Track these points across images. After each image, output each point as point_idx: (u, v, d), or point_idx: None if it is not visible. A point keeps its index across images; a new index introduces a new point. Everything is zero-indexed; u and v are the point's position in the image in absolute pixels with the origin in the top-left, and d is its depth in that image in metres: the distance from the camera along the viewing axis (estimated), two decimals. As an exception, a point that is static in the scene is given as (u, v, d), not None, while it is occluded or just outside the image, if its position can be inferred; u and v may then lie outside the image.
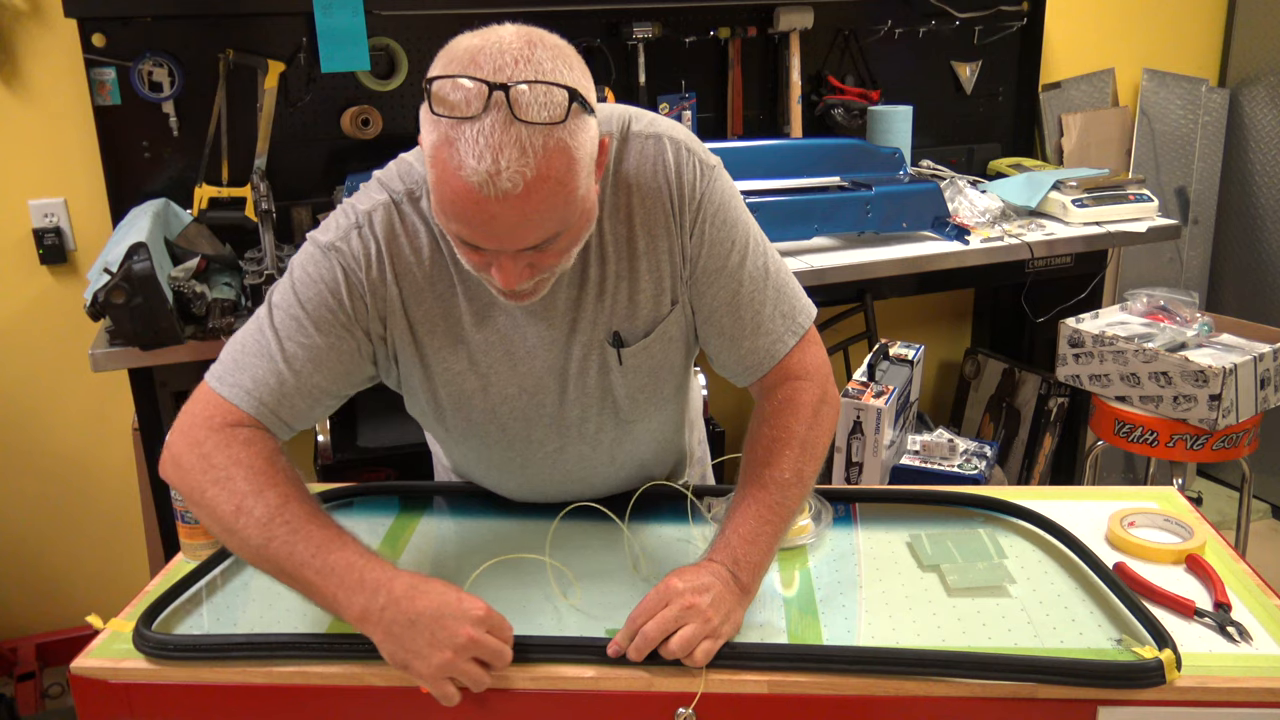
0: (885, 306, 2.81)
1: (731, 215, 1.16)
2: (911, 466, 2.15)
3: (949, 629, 1.09)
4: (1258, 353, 2.25)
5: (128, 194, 2.35)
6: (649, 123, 1.15)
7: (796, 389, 1.19)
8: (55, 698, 2.49)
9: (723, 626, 1.03)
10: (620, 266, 1.14)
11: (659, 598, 1.03)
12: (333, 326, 1.11)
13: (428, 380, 1.19)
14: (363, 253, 1.11)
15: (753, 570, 1.08)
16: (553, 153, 0.92)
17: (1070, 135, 3.19)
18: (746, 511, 1.11)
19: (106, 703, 1.05)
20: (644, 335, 1.17)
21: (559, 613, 1.13)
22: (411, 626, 0.98)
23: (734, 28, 2.74)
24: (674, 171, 1.12)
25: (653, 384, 1.22)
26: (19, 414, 2.46)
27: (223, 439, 1.07)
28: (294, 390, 1.11)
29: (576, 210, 0.98)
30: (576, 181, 0.95)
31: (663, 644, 1.01)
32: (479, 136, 0.90)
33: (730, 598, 1.05)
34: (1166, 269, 3.37)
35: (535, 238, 0.97)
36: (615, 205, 1.12)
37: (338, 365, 1.12)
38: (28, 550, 2.55)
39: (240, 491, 1.04)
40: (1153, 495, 1.38)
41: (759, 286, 1.17)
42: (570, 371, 1.18)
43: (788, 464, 1.14)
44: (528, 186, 0.91)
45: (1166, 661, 0.98)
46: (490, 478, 1.35)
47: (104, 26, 2.24)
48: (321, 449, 2.21)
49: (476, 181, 0.90)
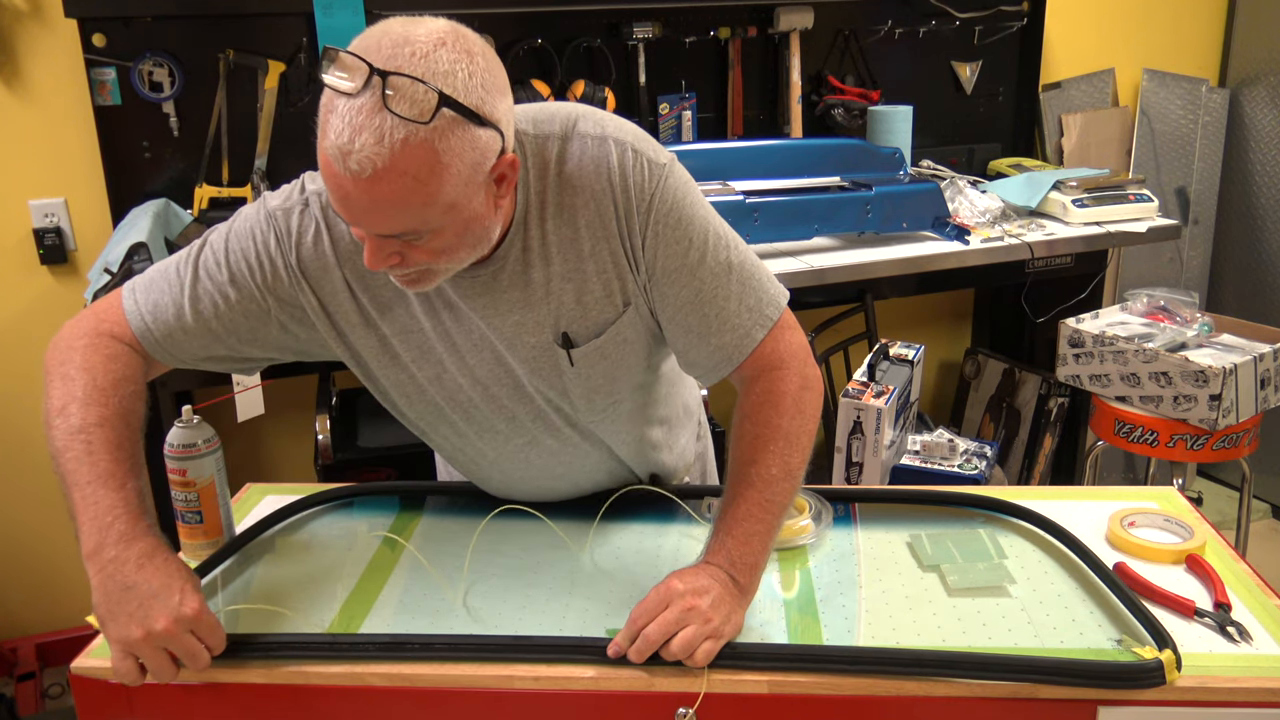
0: (885, 306, 2.82)
1: (687, 213, 1.14)
2: (911, 466, 2.15)
3: (949, 629, 1.09)
4: (1258, 353, 2.25)
5: (128, 194, 2.35)
6: (596, 123, 1.13)
7: (774, 379, 1.17)
8: (55, 698, 2.49)
9: (724, 627, 1.03)
10: (566, 268, 1.14)
11: (659, 599, 1.03)
12: (247, 283, 1.15)
13: (380, 362, 1.20)
14: (298, 229, 1.14)
15: (749, 570, 1.08)
16: (412, 149, 0.93)
17: (1070, 135, 3.19)
18: (738, 511, 1.11)
19: (106, 703, 1.05)
20: (595, 336, 1.17)
21: (559, 613, 1.13)
22: (125, 591, 0.98)
23: (734, 28, 2.74)
24: (619, 175, 1.11)
25: (609, 385, 1.21)
26: (19, 414, 2.47)
27: (94, 343, 1.14)
28: (188, 327, 1.15)
29: (442, 214, 0.98)
30: (440, 186, 0.96)
31: (664, 646, 1.01)
32: (347, 113, 0.93)
33: (730, 599, 1.05)
34: (1166, 269, 3.37)
35: (387, 227, 0.98)
36: (559, 206, 1.12)
37: (240, 321, 1.16)
38: (28, 550, 2.55)
39: (72, 395, 1.08)
40: (1153, 495, 1.38)
41: (722, 282, 1.16)
42: (520, 370, 1.19)
43: (774, 459, 1.13)
44: (376, 174, 0.93)
45: (1166, 662, 0.98)
46: (472, 471, 1.35)
47: (104, 26, 2.24)
48: (321, 449, 2.21)
49: (331, 155, 0.94)
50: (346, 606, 1.15)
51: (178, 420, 1.23)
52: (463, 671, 1.03)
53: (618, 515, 1.32)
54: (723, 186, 2.41)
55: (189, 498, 1.23)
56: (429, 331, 1.17)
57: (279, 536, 1.32)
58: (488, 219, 1.04)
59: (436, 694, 1.03)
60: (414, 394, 1.22)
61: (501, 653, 1.05)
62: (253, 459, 2.67)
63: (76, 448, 1.05)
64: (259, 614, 1.15)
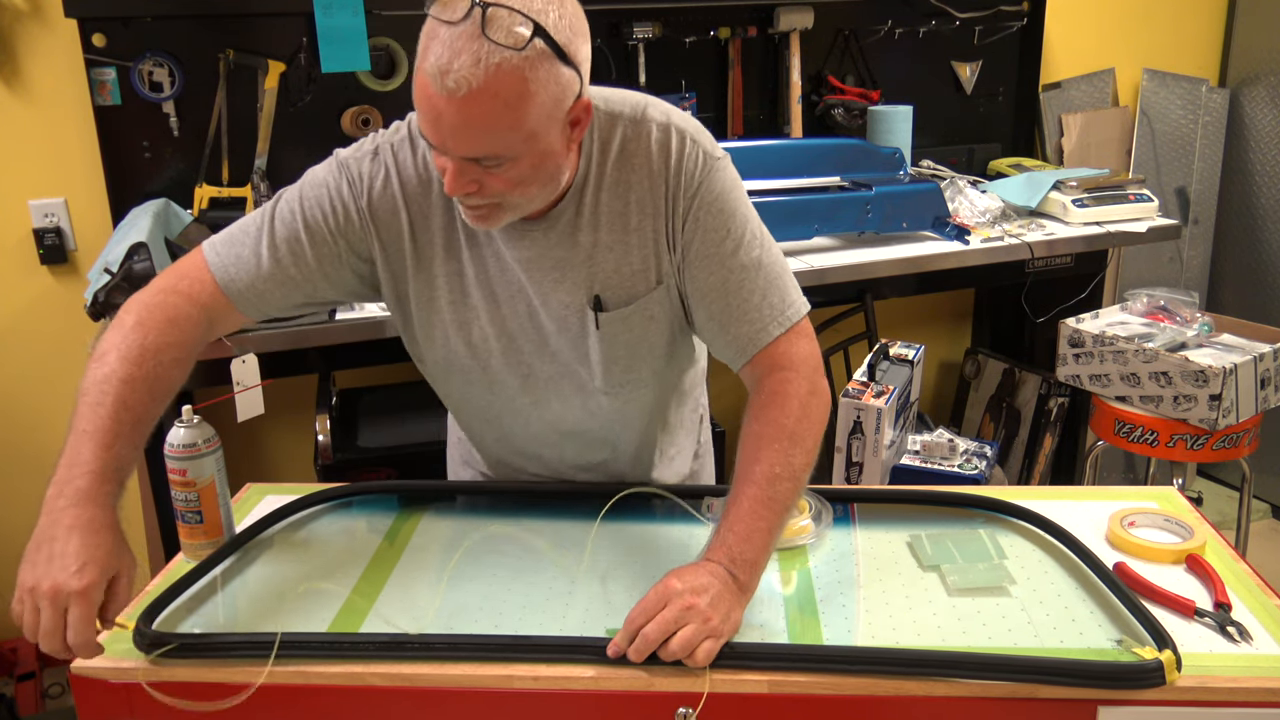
0: (885, 306, 2.82)
1: (730, 205, 1.22)
2: (911, 466, 2.15)
3: (949, 629, 1.09)
4: (1258, 353, 2.25)
5: (128, 194, 2.35)
6: (663, 112, 1.23)
7: (783, 380, 1.21)
8: (55, 698, 2.49)
9: (723, 626, 1.03)
10: (612, 237, 1.22)
11: (658, 598, 1.03)
12: (321, 229, 1.22)
13: (420, 302, 1.27)
14: (369, 175, 1.22)
15: (750, 568, 1.08)
16: (505, 74, 1.00)
17: (1070, 135, 3.19)
18: (740, 509, 1.12)
19: (106, 703, 1.05)
20: (624, 305, 1.24)
21: (559, 613, 1.13)
22: (47, 542, 1.02)
23: (734, 28, 2.74)
24: (675, 159, 1.20)
25: (629, 358, 1.27)
26: (19, 414, 2.47)
27: (163, 301, 1.18)
28: (269, 275, 1.22)
29: (523, 141, 1.05)
30: (526, 112, 1.03)
31: (663, 645, 1.01)
32: (449, 39, 1.00)
33: (729, 596, 1.05)
34: (1166, 269, 3.37)
35: (475, 149, 1.05)
36: (616, 180, 1.20)
37: (316, 266, 1.23)
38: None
39: (116, 345, 1.13)
40: (1153, 495, 1.38)
41: (749, 275, 1.22)
42: (549, 327, 1.25)
43: (777, 458, 1.14)
44: (471, 93, 1.00)
45: (1166, 662, 0.98)
46: (473, 425, 1.41)
47: (104, 26, 2.24)
48: (321, 449, 2.21)
49: (430, 74, 1.01)
50: (346, 606, 1.15)
51: (178, 420, 1.23)
52: (463, 671, 1.03)
53: (618, 515, 1.32)
54: (723, 186, 2.41)
55: (189, 498, 1.23)
56: (472, 278, 1.25)
57: (279, 536, 1.32)
58: (561, 158, 1.12)
59: (436, 694, 1.03)
60: (442, 339, 1.28)
61: (501, 653, 1.05)
62: (253, 459, 2.67)
63: (92, 394, 1.09)
64: (259, 614, 1.15)
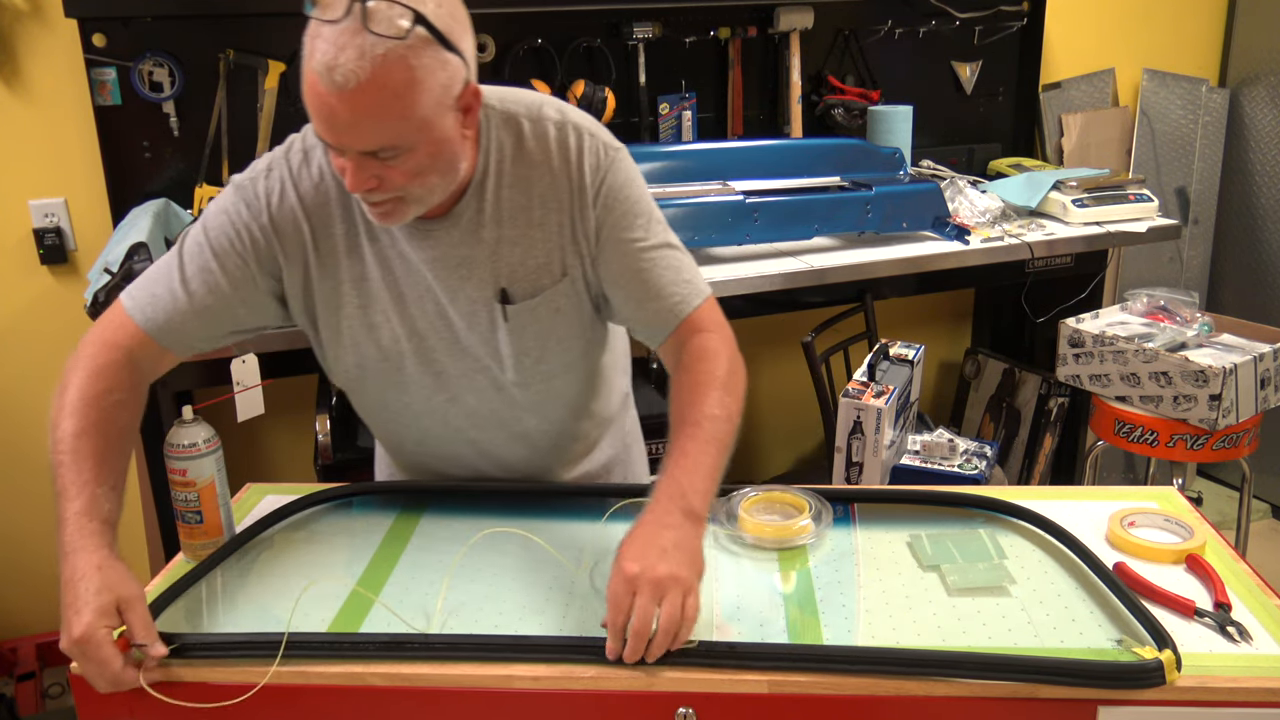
0: (885, 306, 2.82)
1: (634, 194, 1.27)
2: (911, 466, 2.15)
3: (949, 629, 1.09)
4: (1258, 353, 2.25)
5: (128, 194, 2.35)
6: (559, 110, 1.27)
7: (708, 339, 1.25)
8: (55, 698, 2.49)
9: (693, 574, 1.04)
10: (515, 232, 1.25)
11: (626, 589, 1.02)
12: (229, 255, 1.23)
13: (327, 309, 1.28)
14: (265, 192, 1.24)
15: (701, 495, 1.10)
16: (390, 63, 1.03)
17: (1070, 135, 3.19)
18: (684, 447, 1.15)
19: (106, 703, 1.05)
20: (530, 297, 1.26)
21: (559, 613, 1.13)
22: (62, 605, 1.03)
23: (734, 28, 2.74)
24: (575, 154, 1.24)
25: (538, 350, 1.29)
26: (19, 414, 2.47)
27: (92, 355, 1.21)
28: (185, 309, 1.23)
29: (417, 130, 1.08)
30: (416, 100, 1.06)
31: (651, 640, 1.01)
32: (332, 36, 1.03)
33: (688, 532, 1.06)
34: (1166, 269, 3.37)
35: (370, 141, 1.07)
36: (517, 176, 1.24)
37: (231, 293, 1.24)
38: (28, 550, 2.55)
39: (62, 408, 1.16)
40: (1153, 495, 1.38)
41: (662, 256, 1.27)
42: (458, 324, 1.28)
43: (713, 402, 1.18)
44: (359, 86, 1.03)
45: (1166, 662, 0.98)
46: (392, 431, 1.42)
47: (104, 26, 2.24)
48: (321, 449, 2.21)
49: (318, 71, 1.04)
50: (346, 606, 1.15)
51: (178, 420, 1.23)
52: (463, 671, 1.03)
53: (618, 515, 1.32)
54: (723, 186, 2.41)
55: (189, 498, 1.23)
56: (378, 281, 1.27)
57: (279, 536, 1.32)
58: (456, 145, 1.14)
59: (436, 694, 1.03)
60: (352, 344, 1.30)
61: (501, 653, 1.05)
62: (253, 459, 2.67)
63: (57, 458, 1.13)
64: (259, 614, 1.15)
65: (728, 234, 2.34)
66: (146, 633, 1.03)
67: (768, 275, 2.30)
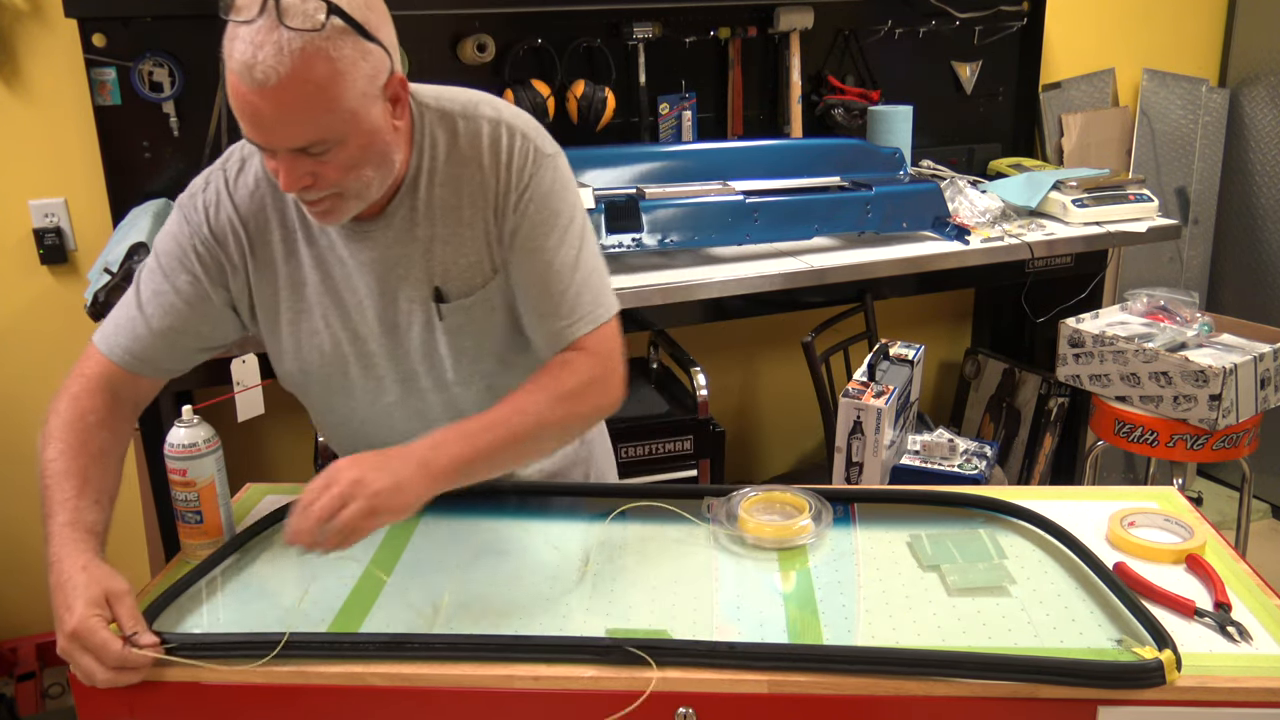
0: (885, 306, 2.82)
1: (555, 203, 1.25)
2: (911, 466, 2.15)
3: (949, 629, 1.09)
4: (1258, 353, 2.25)
5: (128, 194, 2.35)
6: (495, 109, 1.26)
7: (578, 357, 1.25)
8: (55, 698, 2.49)
9: (391, 500, 1.05)
10: (447, 230, 1.24)
11: (325, 480, 1.05)
12: (179, 273, 1.26)
13: (268, 315, 1.29)
14: (204, 206, 1.26)
15: (453, 462, 1.11)
16: (310, 58, 1.03)
17: (1070, 135, 3.19)
18: (476, 420, 1.16)
19: (106, 702, 1.05)
20: (465, 296, 1.26)
21: (559, 613, 1.13)
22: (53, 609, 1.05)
23: (734, 28, 2.74)
24: (505, 154, 1.23)
25: (475, 349, 1.30)
26: (19, 413, 2.47)
27: (68, 386, 1.25)
28: (146, 332, 1.26)
29: (344, 122, 1.08)
30: (340, 90, 1.06)
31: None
32: (249, 35, 1.03)
33: (412, 478, 1.07)
34: (1166, 269, 3.37)
35: (298, 137, 1.07)
36: (449, 175, 1.24)
37: (189, 312, 1.26)
38: (28, 550, 2.55)
39: (46, 435, 1.22)
40: (1153, 495, 1.38)
41: (566, 272, 1.25)
42: (399, 323, 1.28)
43: (536, 402, 1.19)
44: (280, 82, 1.03)
45: (1166, 662, 0.98)
46: (341, 435, 1.41)
47: (104, 26, 2.24)
48: (321, 449, 2.21)
49: (239, 72, 1.04)
50: (346, 606, 1.15)
51: (178, 420, 1.23)
52: (463, 671, 1.03)
53: (618, 515, 1.32)
54: (723, 186, 2.41)
55: (189, 498, 1.23)
56: (318, 285, 1.27)
57: (279, 536, 1.32)
58: (388, 135, 1.14)
59: (436, 694, 1.03)
60: (293, 350, 1.31)
61: (501, 652, 1.05)
62: (253, 459, 2.67)
63: (43, 483, 1.19)
64: (259, 614, 1.15)
65: (728, 234, 2.34)
66: (135, 622, 1.04)
67: (768, 275, 2.30)
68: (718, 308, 2.34)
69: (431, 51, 2.49)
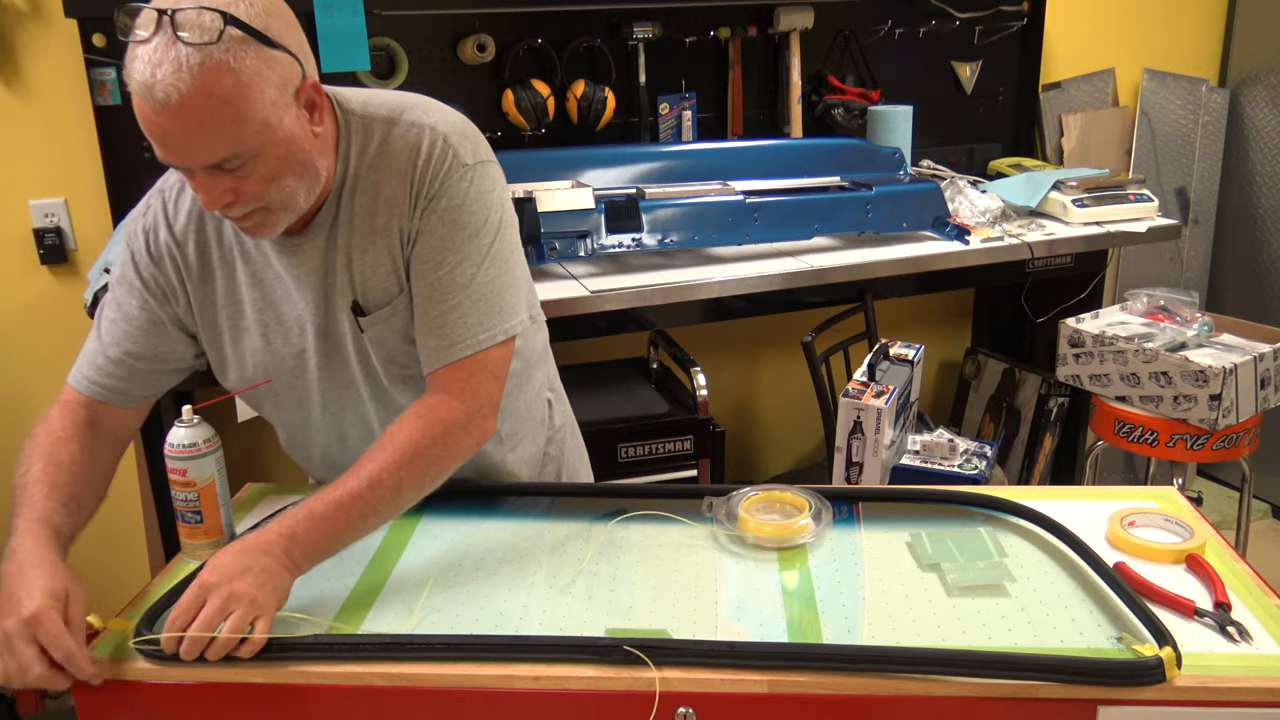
0: (885, 306, 2.82)
1: (464, 217, 1.20)
2: (912, 466, 2.15)
3: (949, 629, 1.09)
4: (1258, 353, 2.25)
5: (128, 194, 2.34)
6: (423, 112, 1.22)
7: (445, 402, 1.20)
8: (55, 698, 2.49)
9: (269, 601, 1.04)
10: (365, 239, 1.22)
11: (196, 595, 1.03)
12: (129, 299, 1.27)
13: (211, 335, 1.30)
14: (144, 231, 1.26)
15: (307, 551, 1.10)
16: (211, 71, 1.01)
17: (1070, 135, 3.19)
18: (330, 494, 1.12)
19: (106, 703, 1.05)
20: (381, 307, 1.24)
21: (559, 612, 1.13)
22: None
23: (734, 28, 2.74)
24: (422, 159, 1.19)
25: (404, 355, 1.27)
26: (19, 414, 2.47)
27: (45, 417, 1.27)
28: (108, 362, 1.27)
29: (257, 134, 1.05)
30: (246, 102, 1.04)
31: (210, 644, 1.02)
32: (146, 54, 1.01)
33: (278, 575, 1.06)
34: (1166, 269, 3.37)
35: (210, 154, 1.05)
36: (370, 182, 1.21)
37: (141, 336, 1.27)
38: (28, 550, 2.55)
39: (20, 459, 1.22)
40: (1153, 495, 1.38)
41: (456, 291, 1.21)
42: (333, 335, 1.27)
43: (392, 468, 1.14)
44: (182, 99, 1.00)
45: (1167, 659, 0.98)
46: (300, 446, 1.41)
47: (104, 26, 2.24)
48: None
49: (140, 93, 1.01)
50: (346, 606, 1.15)
51: (178, 420, 1.23)
52: (463, 671, 1.03)
53: (617, 515, 1.32)
54: (723, 186, 2.42)
55: (189, 498, 1.23)
56: (258, 301, 1.27)
57: (279, 536, 1.32)
58: (306, 143, 1.12)
59: (436, 694, 1.03)
60: (237, 367, 1.31)
61: (501, 653, 1.05)
62: (253, 459, 2.67)
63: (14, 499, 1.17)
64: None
65: (728, 234, 2.34)
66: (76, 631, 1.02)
67: (768, 275, 2.30)
68: (718, 308, 2.34)
69: (431, 51, 2.49)
